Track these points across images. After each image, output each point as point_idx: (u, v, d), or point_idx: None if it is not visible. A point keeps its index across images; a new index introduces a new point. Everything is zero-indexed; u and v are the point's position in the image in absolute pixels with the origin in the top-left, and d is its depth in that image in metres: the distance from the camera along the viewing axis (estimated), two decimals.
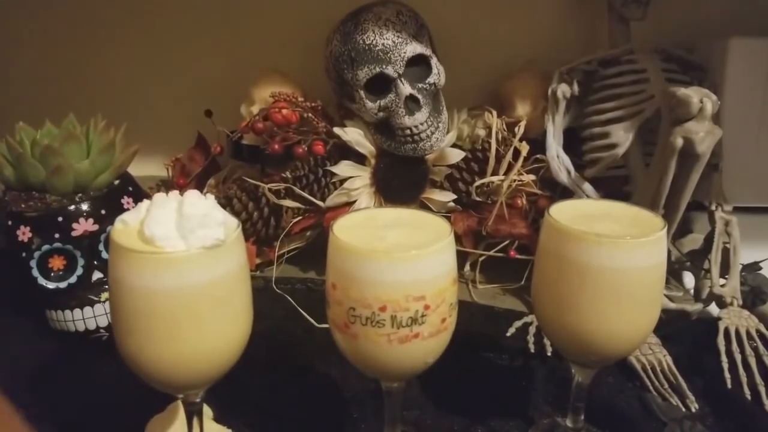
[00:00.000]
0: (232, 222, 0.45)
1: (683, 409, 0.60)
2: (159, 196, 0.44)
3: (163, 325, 0.42)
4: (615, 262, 0.45)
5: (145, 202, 0.45)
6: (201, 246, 0.42)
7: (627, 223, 0.50)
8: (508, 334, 0.72)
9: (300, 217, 0.84)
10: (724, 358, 0.64)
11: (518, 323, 0.73)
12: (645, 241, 0.46)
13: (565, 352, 0.52)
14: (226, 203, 0.82)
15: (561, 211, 0.50)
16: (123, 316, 0.43)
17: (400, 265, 0.43)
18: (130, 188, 0.73)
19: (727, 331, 0.67)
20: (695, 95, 0.62)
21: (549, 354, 0.68)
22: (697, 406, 0.60)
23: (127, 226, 0.44)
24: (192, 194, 0.44)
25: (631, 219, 0.50)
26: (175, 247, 0.42)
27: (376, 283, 0.43)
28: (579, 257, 0.46)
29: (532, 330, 0.71)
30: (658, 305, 0.49)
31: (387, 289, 0.43)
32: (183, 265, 0.42)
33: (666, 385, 0.63)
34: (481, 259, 0.84)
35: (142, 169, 0.83)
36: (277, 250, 0.83)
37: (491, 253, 0.83)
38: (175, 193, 0.45)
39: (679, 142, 0.62)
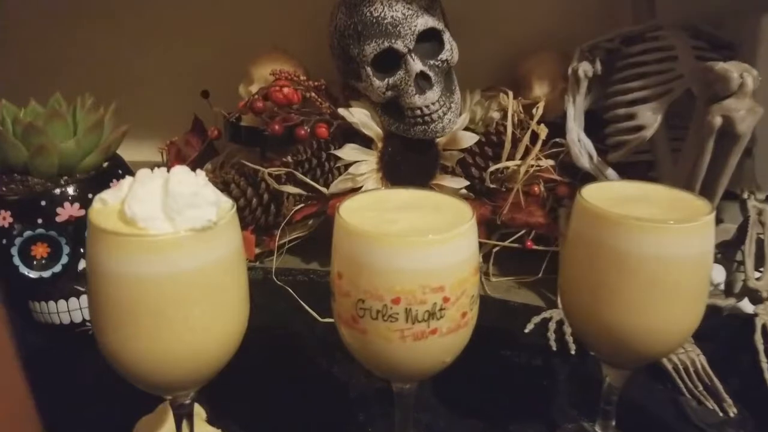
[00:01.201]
0: (226, 202, 0.40)
1: (720, 414, 0.55)
2: (143, 172, 0.39)
3: (147, 318, 0.37)
4: (659, 249, 0.40)
5: (128, 179, 0.40)
6: (190, 228, 0.37)
7: (667, 206, 0.45)
8: (527, 331, 0.67)
9: (302, 205, 0.79)
10: (762, 358, 0.59)
11: (537, 319, 0.68)
12: (693, 226, 0.41)
13: (598, 351, 0.47)
14: (223, 189, 0.77)
15: (593, 194, 0.45)
16: (102, 308, 0.38)
17: (417, 252, 0.38)
18: (120, 171, 0.68)
19: (764, 329, 0.62)
20: (735, 70, 0.57)
21: (572, 353, 0.63)
22: (735, 410, 0.55)
23: (106, 206, 0.39)
24: (180, 170, 0.39)
25: (671, 202, 0.45)
26: (160, 230, 0.37)
27: (389, 271, 0.38)
28: (618, 244, 0.40)
29: (552, 326, 0.66)
30: (704, 299, 0.44)
31: (401, 279, 0.38)
32: (169, 249, 0.37)
33: (700, 387, 0.58)
34: (495, 250, 0.80)
35: (134, 153, 0.79)
36: (277, 239, 0.78)
37: (506, 243, 0.78)
38: (161, 169, 0.40)
39: (718, 121, 0.57)
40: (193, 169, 0.83)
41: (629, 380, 0.58)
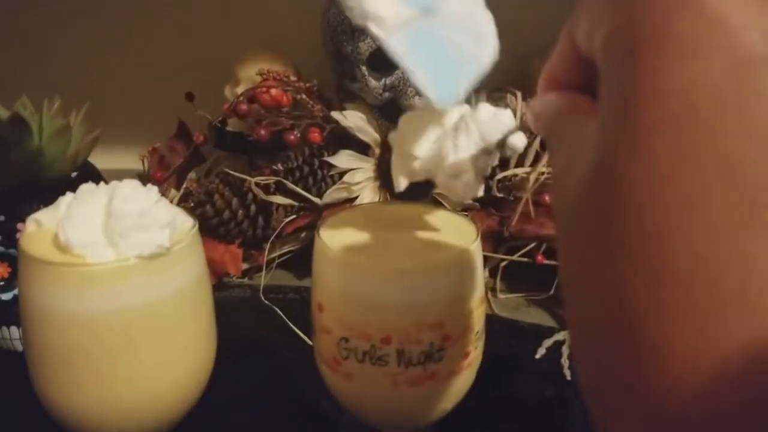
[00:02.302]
0: (184, 222, 0.34)
1: None
2: (84, 188, 0.33)
3: (86, 363, 0.31)
4: None
5: (68, 196, 0.34)
6: (137, 255, 0.31)
7: None
8: (538, 356, 0.60)
9: (293, 216, 0.73)
10: None
11: (548, 342, 0.62)
12: None
13: None
14: (206, 200, 0.71)
15: None
16: (35, 351, 0.32)
17: (410, 282, 0.31)
18: (91, 182, 0.63)
19: None
20: None
21: None
22: None
23: (41, 229, 0.33)
24: (127, 185, 0.33)
25: None
26: (101, 257, 0.31)
27: (377, 305, 0.31)
28: None
29: (566, 350, 0.60)
30: None
31: (392, 315, 0.31)
32: (111, 281, 0.31)
33: None
34: (502, 264, 0.73)
35: (113, 161, 0.73)
36: (266, 253, 0.72)
37: (515, 257, 0.72)
38: (107, 185, 0.34)
39: None
40: (178, 178, 0.77)
41: None
